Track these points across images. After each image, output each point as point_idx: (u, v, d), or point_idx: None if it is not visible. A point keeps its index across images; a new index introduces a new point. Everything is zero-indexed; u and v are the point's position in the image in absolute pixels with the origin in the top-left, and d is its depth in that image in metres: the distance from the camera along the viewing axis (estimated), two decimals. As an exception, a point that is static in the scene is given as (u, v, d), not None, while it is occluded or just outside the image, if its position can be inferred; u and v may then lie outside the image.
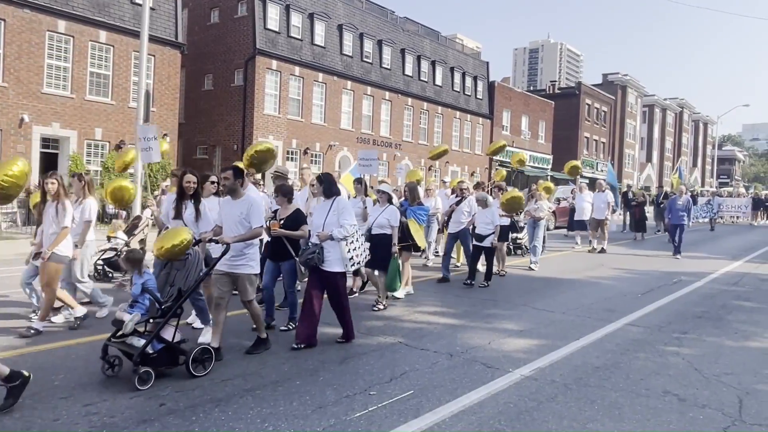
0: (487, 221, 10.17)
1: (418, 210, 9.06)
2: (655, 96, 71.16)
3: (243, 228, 5.58)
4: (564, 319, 7.71)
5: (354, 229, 6.05)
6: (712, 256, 15.67)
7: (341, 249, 6.01)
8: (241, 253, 5.64)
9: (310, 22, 29.55)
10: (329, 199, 6.18)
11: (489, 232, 10.11)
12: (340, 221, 6.01)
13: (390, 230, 8.06)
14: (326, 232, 5.98)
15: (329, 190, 6.22)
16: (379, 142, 33.74)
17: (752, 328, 7.54)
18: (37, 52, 19.36)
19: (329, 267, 6.03)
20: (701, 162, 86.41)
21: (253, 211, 5.58)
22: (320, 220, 6.13)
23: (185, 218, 6.26)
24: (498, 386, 5.03)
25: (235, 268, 5.65)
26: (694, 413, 4.57)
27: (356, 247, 6.12)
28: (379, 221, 8.09)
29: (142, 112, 14.77)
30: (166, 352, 5.02)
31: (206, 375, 5.14)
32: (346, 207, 6.15)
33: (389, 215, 8.08)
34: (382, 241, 8.05)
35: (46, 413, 4.24)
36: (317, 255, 5.95)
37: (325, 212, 6.14)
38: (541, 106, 48.92)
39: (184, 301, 5.19)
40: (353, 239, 6.07)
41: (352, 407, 4.48)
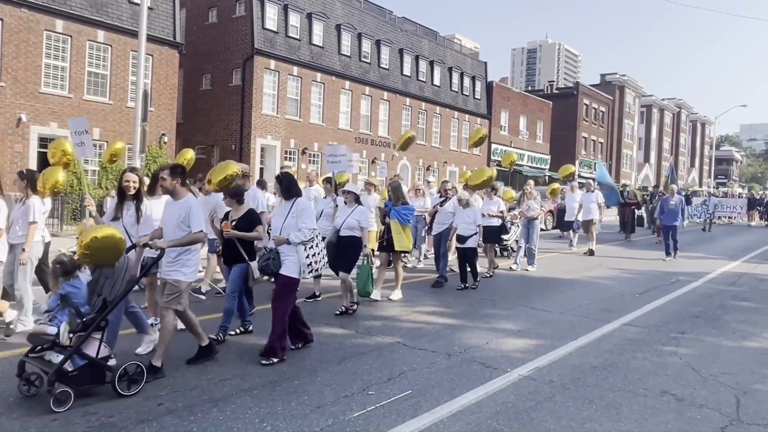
0: (469, 221, 9.87)
1: (402, 210, 8.65)
2: (653, 96, 71.24)
3: (182, 232, 5.20)
4: (562, 319, 7.72)
5: (313, 234, 5.68)
6: (710, 256, 15.69)
7: (299, 254, 5.65)
8: (175, 259, 5.23)
9: (308, 22, 29.54)
10: (289, 201, 5.81)
11: (471, 233, 9.83)
12: (298, 224, 5.63)
13: (359, 232, 7.69)
14: (282, 236, 5.62)
15: (288, 191, 5.85)
16: (378, 142, 33.74)
17: (750, 328, 7.56)
18: (34, 51, 19.32)
19: (284, 270, 5.66)
20: (699, 162, 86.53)
21: (192, 214, 5.19)
22: (279, 223, 5.78)
23: (125, 220, 5.75)
24: (496, 386, 5.03)
25: (167, 274, 5.27)
26: (692, 413, 4.58)
27: (316, 252, 5.76)
28: (349, 222, 7.68)
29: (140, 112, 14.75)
30: (89, 369, 4.55)
31: (204, 375, 5.13)
32: (306, 209, 5.76)
33: (359, 216, 7.69)
34: (351, 243, 7.71)
35: (45, 412, 4.23)
36: (273, 260, 5.59)
37: (284, 215, 5.77)
38: (539, 106, 48.95)
39: (109, 312, 4.73)
40: (313, 245, 5.71)
41: (350, 407, 4.49)
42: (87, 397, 4.51)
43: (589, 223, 15.80)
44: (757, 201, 32.72)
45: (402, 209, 8.64)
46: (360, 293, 7.90)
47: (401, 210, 8.62)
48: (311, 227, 5.65)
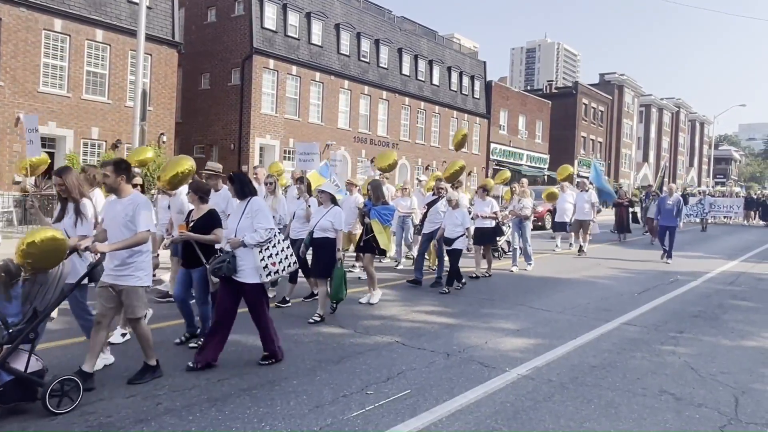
0: (457, 223, 9.57)
1: (382, 210, 8.36)
2: (652, 96, 71.28)
3: (129, 232, 4.80)
4: (561, 319, 7.73)
5: (270, 234, 5.35)
6: (708, 256, 15.70)
7: (255, 257, 5.33)
8: (125, 262, 4.82)
9: (307, 22, 29.52)
10: (243, 201, 5.50)
11: (458, 234, 9.54)
12: (254, 225, 5.33)
13: (334, 234, 7.33)
14: (237, 239, 5.32)
15: (242, 191, 5.52)
16: (377, 142, 33.72)
17: (748, 327, 7.56)
18: (33, 50, 19.29)
19: (244, 278, 5.35)
20: (698, 162, 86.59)
21: (139, 213, 4.80)
22: (233, 224, 5.47)
23: (65, 222, 5.25)
24: (495, 385, 5.04)
25: (119, 279, 4.81)
26: (691, 412, 4.58)
27: (273, 254, 5.40)
28: (322, 224, 7.32)
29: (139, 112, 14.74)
30: (17, 385, 4.19)
31: (203, 374, 5.13)
32: (261, 209, 5.44)
33: (333, 217, 7.32)
34: (325, 245, 7.35)
35: (43, 412, 4.22)
36: (227, 264, 5.27)
37: (239, 216, 5.46)
38: (538, 105, 48.95)
39: (39, 323, 4.38)
40: (269, 246, 5.39)
41: (349, 407, 4.49)
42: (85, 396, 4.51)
43: (583, 223, 15.38)
44: (754, 201, 32.60)
45: (382, 209, 8.40)
46: (332, 298, 7.39)
47: (381, 210, 8.38)
48: (267, 227, 5.35)
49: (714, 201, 31.03)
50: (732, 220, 31.76)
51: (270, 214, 5.64)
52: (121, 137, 21.42)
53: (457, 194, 10.21)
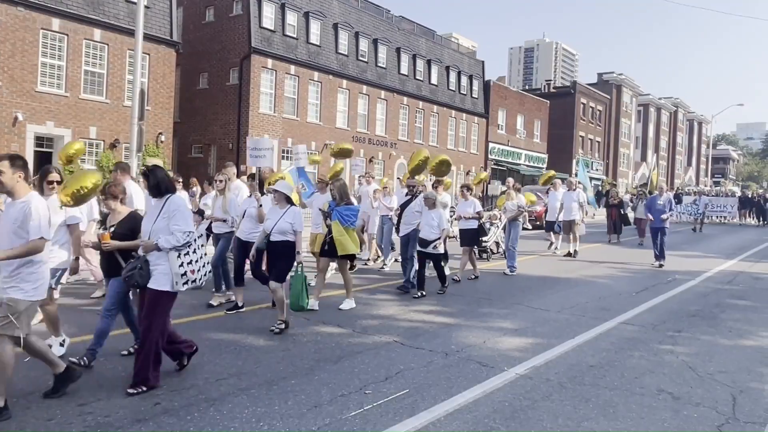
0: (432, 224, 9.11)
1: (344, 211, 7.80)
2: (650, 95, 71.35)
3: (19, 240, 4.21)
4: (559, 318, 7.73)
5: (189, 238, 4.83)
6: (706, 255, 15.72)
7: (171, 262, 4.77)
8: (11, 273, 4.22)
9: (305, 21, 29.51)
10: (160, 200, 4.94)
11: (434, 236, 9.07)
12: (171, 227, 4.78)
13: (293, 236, 6.80)
14: (151, 241, 4.80)
15: (158, 188, 4.94)
16: (375, 141, 33.73)
17: (746, 326, 7.57)
18: (31, 50, 19.26)
19: (153, 283, 4.79)
20: (696, 161, 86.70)
21: (30, 217, 4.19)
22: (147, 226, 4.92)
23: None
24: (493, 385, 5.04)
25: (3, 291, 4.22)
26: (689, 411, 4.59)
27: (193, 260, 4.87)
28: (281, 226, 6.75)
29: (137, 111, 14.70)
30: None
31: (201, 374, 5.12)
32: (180, 209, 4.88)
33: (292, 219, 6.78)
34: (283, 249, 6.81)
35: (40, 413, 4.22)
36: (139, 271, 4.74)
37: (154, 216, 4.91)
38: (536, 105, 48.98)
39: None
40: (189, 251, 4.85)
41: (347, 406, 4.48)
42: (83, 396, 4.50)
43: (571, 223, 14.79)
44: (749, 200, 32.23)
45: (345, 210, 7.84)
46: (292, 307, 6.85)
47: (344, 211, 7.83)
48: (186, 230, 4.82)
49: (709, 201, 30.59)
50: (727, 220, 31.48)
51: (190, 215, 5.07)
52: (119, 137, 21.41)
53: (434, 193, 9.79)
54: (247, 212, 7.82)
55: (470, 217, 10.78)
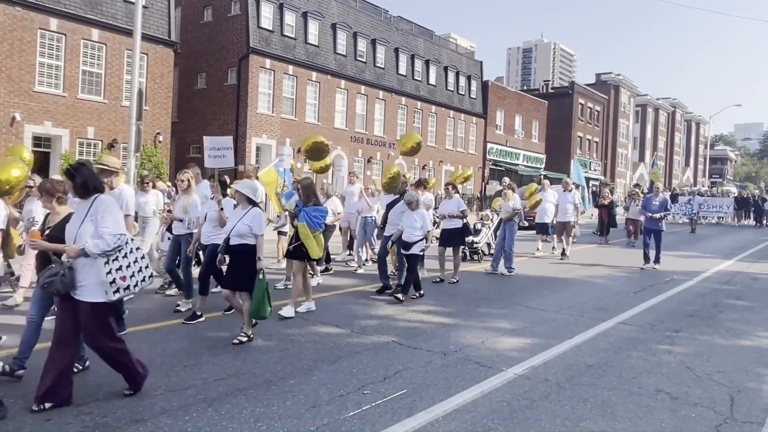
0: (416, 226, 8.81)
1: (312, 212, 7.43)
2: (648, 96, 71.43)
3: None
4: (557, 318, 7.74)
5: (120, 241, 4.38)
6: (704, 255, 15.74)
7: (99, 269, 4.34)
8: None
9: (303, 21, 29.50)
10: (87, 200, 4.50)
11: (416, 238, 8.78)
12: (98, 230, 4.35)
13: (253, 240, 6.31)
14: (76, 246, 4.35)
15: (84, 187, 4.49)
16: (373, 141, 33.72)
17: (744, 326, 7.59)
18: (28, 50, 19.23)
19: (83, 295, 4.36)
20: (693, 161, 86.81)
21: None
22: (73, 229, 4.47)
23: None
24: (491, 385, 5.04)
25: None
26: (686, 411, 4.59)
27: (123, 266, 4.42)
28: (239, 229, 6.27)
29: (135, 111, 14.70)
30: None
31: (199, 375, 5.12)
32: (109, 210, 4.45)
33: (251, 221, 6.30)
34: (243, 254, 6.30)
35: (38, 413, 4.21)
36: (62, 278, 4.31)
37: (80, 218, 4.48)
38: (534, 105, 49.01)
39: None
40: (119, 255, 4.41)
41: (345, 406, 4.48)
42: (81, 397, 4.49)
43: (566, 225, 14.50)
44: (745, 200, 31.74)
45: (312, 211, 7.47)
46: (253, 315, 6.25)
47: (311, 212, 7.46)
48: (116, 233, 4.37)
49: (704, 201, 30.34)
50: (723, 221, 31.10)
51: (121, 216, 4.63)
52: (117, 137, 21.39)
53: (416, 194, 9.46)
54: (208, 215, 7.48)
55: (454, 216, 10.51)
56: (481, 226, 13.69)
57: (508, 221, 11.70)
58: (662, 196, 13.17)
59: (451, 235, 10.59)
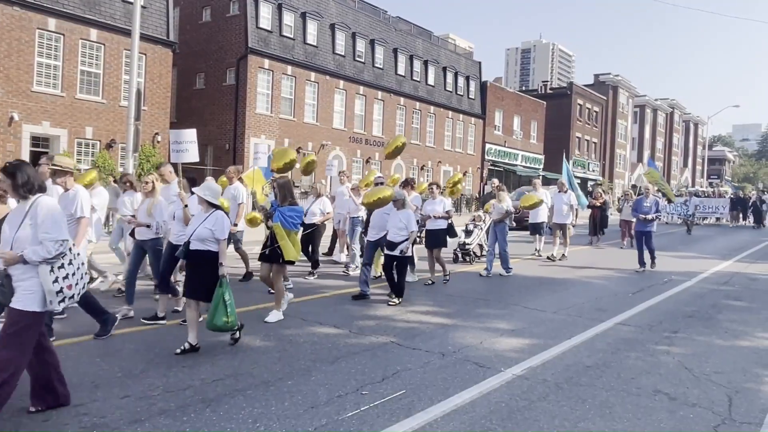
0: (400, 226, 8.50)
1: (287, 211, 7.04)
2: (646, 96, 71.51)
3: None
4: (555, 319, 7.74)
5: (63, 248, 4.03)
6: (702, 256, 15.76)
7: (43, 278, 3.99)
8: None
9: (302, 22, 29.50)
10: (26, 202, 4.11)
11: (402, 238, 8.47)
12: (39, 235, 3.98)
13: (215, 245, 5.82)
14: (13, 252, 3.98)
15: (26, 186, 4.10)
16: (372, 142, 33.72)
17: (742, 327, 7.59)
18: (26, 50, 19.21)
19: (19, 303, 3.99)
20: (692, 162, 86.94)
21: None
22: (9, 234, 4.07)
23: None
24: (490, 386, 5.04)
25: None
26: (685, 412, 4.59)
27: (69, 273, 4.10)
28: (200, 233, 5.77)
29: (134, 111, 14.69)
30: None
31: (197, 375, 5.11)
32: (51, 214, 4.05)
33: (213, 224, 5.80)
34: (201, 260, 5.80)
35: (36, 413, 4.20)
36: (1, 288, 4.02)
37: (18, 222, 4.09)
38: (533, 106, 49.05)
39: None
40: (63, 262, 4.08)
41: (344, 407, 4.48)
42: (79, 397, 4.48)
43: (561, 226, 14.29)
44: (743, 201, 30.99)
45: (288, 210, 7.08)
46: (208, 326, 5.75)
47: (286, 212, 7.05)
48: (58, 238, 4.01)
49: (701, 202, 29.88)
50: (721, 221, 30.71)
51: (64, 220, 4.23)
52: (116, 137, 21.37)
53: (403, 192, 9.13)
54: (176, 215, 7.09)
55: (439, 217, 10.26)
56: (473, 227, 13.45)
57: (499, 223, 11.46)
58: (653, 197, 12.71)
59: (435, 236, 10.33)
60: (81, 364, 5.24)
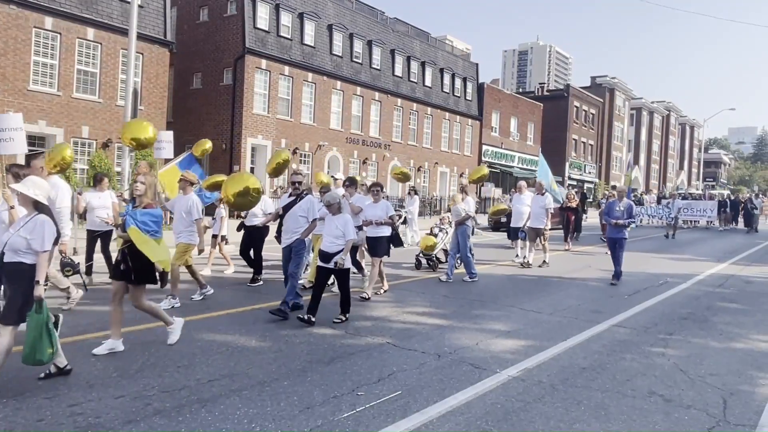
0: (336, 234, 7.23)
1: (141, 215, 5.82)
2: (643, 99, 71.70)
3: None
4: (551, 320, 7.75)
5: None
6: (697, 258, 15.80)
7: None
8: None
9: (299, 22, 29.49)
10: None
11: (337, 248, 7.21)
12: None
13: (31, 258, 4.70)
14: None
15: None
16: (369, 143, 33.72)
17: (737, 329, 7.62)
18: (23, 48, 19.15)
19: None
20: (688, 165, 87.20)
21: None
22: None
23: None
24: (485, 387, 5.04)
25: None
26: (680, 414, 4.61)
27: None
28: (13, 242, 4.70)
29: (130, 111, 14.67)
30: None
31: (193, 375, 5.10)
32: None
33: (30, 232, 4.72)
34: (15, 274, 4.73)
35: (30, 413, 4.19)
36: None
37: None
38: (530, 107, 49.12)
39: None
40: None
41: (339, 408, 4.48)
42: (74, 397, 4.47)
43: (538, 231, 13.20)
44: (734, 204, 29.95)
45: (141, 214, 5.84)
46: (25, 359, 4.71)
47: (139, 216, 5.82)
48: None
49: (688, 204, 29.08)
50: (711, 224, 29.57)
51: None
52: (112, 136, 21.31)
53: (337, 194, 7.85)
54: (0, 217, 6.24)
55: (382, 223, 9.06)
56: (438, 231, 12.60)
57: (459, 225, 10.84)
58: (627, 201, 11.31)
59: (376, 244, 9.11)
60: (76, 363, 5.22)
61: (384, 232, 9.17)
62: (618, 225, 10.97)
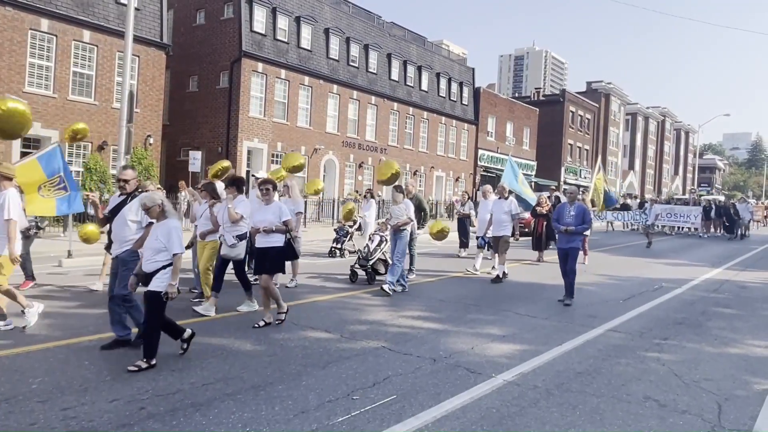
0: (157, 247, 5.48)
1: None
2: (638, 104, 72.06)
3: None
4: (547, 325, 7.75)
5: None
6: (692, 264, 15.83)
7: None
8: None
9: (296, 26, 29.52)
10: None
11: (158, 265, 5.45)
12: None
13: None
14: None
15: None
16: (365, 146, 33.75)
17: (731, 334, 7.63)
18: (19, 50, 19.11)
19: None
20: (683, 170, 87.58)
21: None
22: None
23: None
24: (481, 391, 5.03)
25: None
26: (674, 419, 4.61)
27: None
28: None
29: (126, 113, 14.62)
30: None
31: (187, 379, 5.08)
32: None
33: None
34: None
35: (23, 417, 4.16)
36: None
37: None
38: (525, 112, 49.26)
39: None
40: None
41: (334, 412, 4.46)
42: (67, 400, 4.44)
43: (500, 240, 11.76)
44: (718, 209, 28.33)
45: None
46: None
47: None
48: None
49: (671, 209, 27.94)
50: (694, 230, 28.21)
51: None
52: (108, 139, 21.27)
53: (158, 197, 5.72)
54: None
55: (272, 231, 7.20)
56: (379, 238, 10.86)
57: (397, 231, 9.71)
58: (580, 205, 9.58)
59: (265, 256, 7.26)
60: (69, 367, 5.20)
61: (275, 242, 7.23)
62: (568, 233, 9.36)
